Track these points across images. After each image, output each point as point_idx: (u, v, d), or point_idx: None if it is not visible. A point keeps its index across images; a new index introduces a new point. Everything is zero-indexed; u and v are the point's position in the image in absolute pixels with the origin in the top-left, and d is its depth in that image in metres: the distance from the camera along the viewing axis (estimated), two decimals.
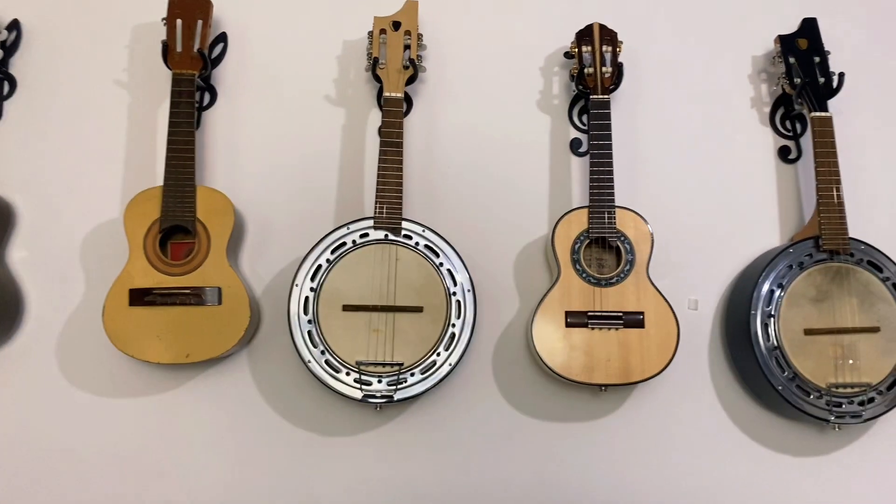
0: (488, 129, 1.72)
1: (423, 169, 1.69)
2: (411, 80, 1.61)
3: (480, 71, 1.74)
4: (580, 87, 1.62)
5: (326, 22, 1.75)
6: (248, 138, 1.71)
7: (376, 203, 1.53)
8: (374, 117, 1.72)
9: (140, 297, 1.50)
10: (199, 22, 1.61)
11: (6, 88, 1.72)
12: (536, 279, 1.66)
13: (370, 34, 1.62)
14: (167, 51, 1.59)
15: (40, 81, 1.73)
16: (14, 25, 1.73)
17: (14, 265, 1.66)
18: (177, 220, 1.53)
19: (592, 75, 1.59)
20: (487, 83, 1.73)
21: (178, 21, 1.61)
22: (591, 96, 1.58)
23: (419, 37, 1.61)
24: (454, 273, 1.53)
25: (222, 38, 1.74)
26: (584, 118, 1.71)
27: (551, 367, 1.48)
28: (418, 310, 1.50)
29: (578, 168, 1.70)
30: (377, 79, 1.60)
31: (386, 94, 1.57)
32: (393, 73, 1.59)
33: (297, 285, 1.51)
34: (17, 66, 1.74)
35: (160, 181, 1.66)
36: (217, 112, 1.72)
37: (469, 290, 1.52)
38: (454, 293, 1.52)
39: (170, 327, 1.49)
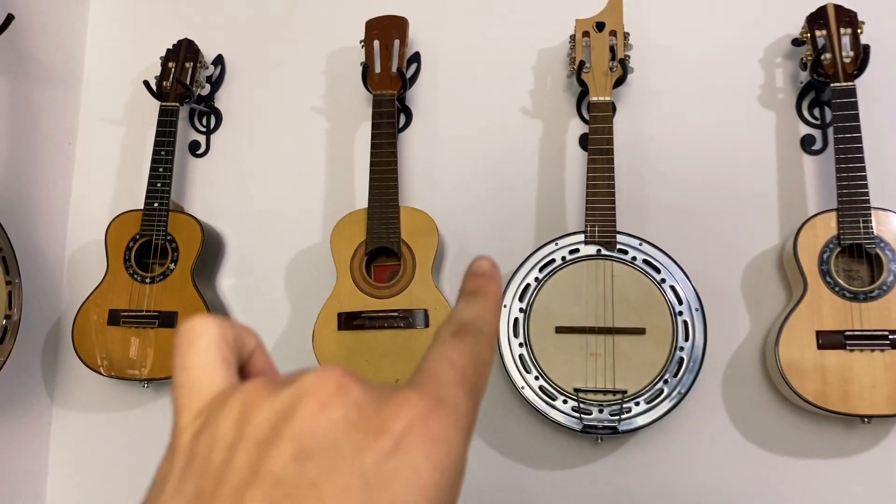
0: (703, 130, 1.56)
1: (631, 177, 1.56)
2: (619, 82, 1.49)
3: (691, 68, 1.59)
4: (814, 75, 1.44)
5: (519, 32, 1.68)
6: (444, 157, 1.66)
7: (587, 216, 1.42)
8: (575, 127, 1.62)
9: (349, 321, 1.47)
10: (396, 41, 1.58)
11: (213, 122, 1.78)
12: (770, 295, 1.47)
13: (572, 38, 1.52)
14: (367, 73, 1.57)
15: (243, 113, 1.78)
16: (218, 61, 1.79)
17: (223, 293, 1.70)
18: (383, 241, 1.49)
19: (831, 61, 1.40)
20: (699, 80, 1.58)
21: (376, 42, 1.59)
22: (831, 84, 1.39)
23: (626, 36, 1.50)
24: (678, 290, 1.38)
25: (415, 57, 1.70)
26: (817, 111, 1.51)
27: (803, 396, 1.29)
28: (640, 332, 1.37)
29: (813, 168, 1.50)
30: (581, 84, 1.50)
31: (592, 98, 1.46)
32: (599, 76, 1.48)
33: (504, 306, 1.42)
34: (221, 100, 1.79)
35: (359, 204, 1.64)
36: (413, 132, 1.69)
37: (697, 310, 1.37)
38: (680, 312, 1.37)
39: (378, 351, 1.45)
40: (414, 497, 0.23)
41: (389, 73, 1.56)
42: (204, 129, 1.78)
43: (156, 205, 1.60)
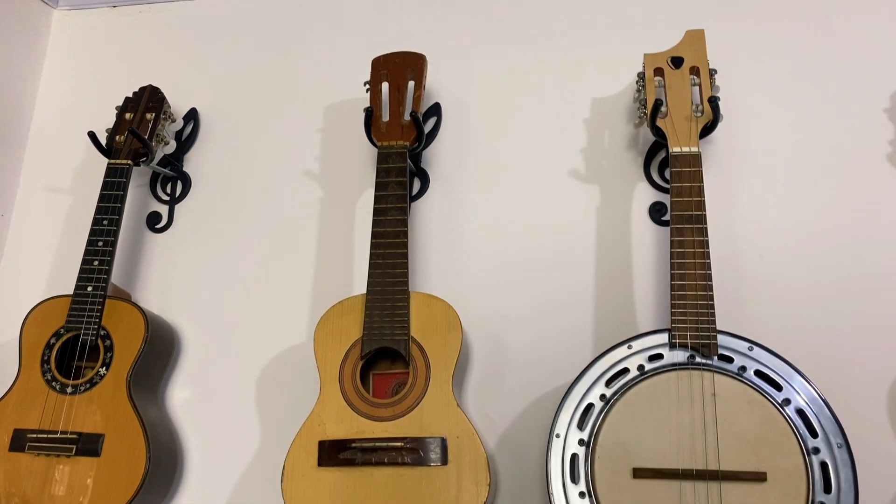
0: (829, 193, 1.17)
1: (728, 258, 1.16)
2: (706, 131, 1.11)
3: (804, 116, 1.22)
4: None
5: (566, 78, 1.33)
6: (469, 233, 1.28)
7: (674, 308, 1.00)
8: (643, 193, 1.23)
9: (333, 453, 1.04)
10: (411, 83, 1.23)
11: (178, 189, 1.42)
12: None
13: (640, 76, 1.16)
14: (371, 120, 1.21)
15: (217, 179, 1.42)
16: (191, 116, 1.45)
17: (174, 408, 1.28)
18: (385, 340, 1.08)
19: None
20: (816, 133, 1.21)
21: (385, 84, 1.24)
22: None
23: (712, 73, 1.14)
24: (810, 416, 0.95)
25: (434, 109, 1.35)
26: None
27: None
28: (759, 478, 0.93)
29: None
30: (657, 132, 1.12)
31: (674, 150, 1.08)
32: (679, 121, 1.10)
33: (557, 436, 0.99)
34: (191, 163, 1.43)
35: (359, 291, 1.25)
36: (429, 202, 1.31)
37: (840, 446, 0.93)
38: (815, 450, 0.93)
39: (374, 500, 1.01)
40: None
41: (401, 121, 1.20)
42: (167, 198, 1.42)
43: (89, 289, 1.21)
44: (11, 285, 1.43)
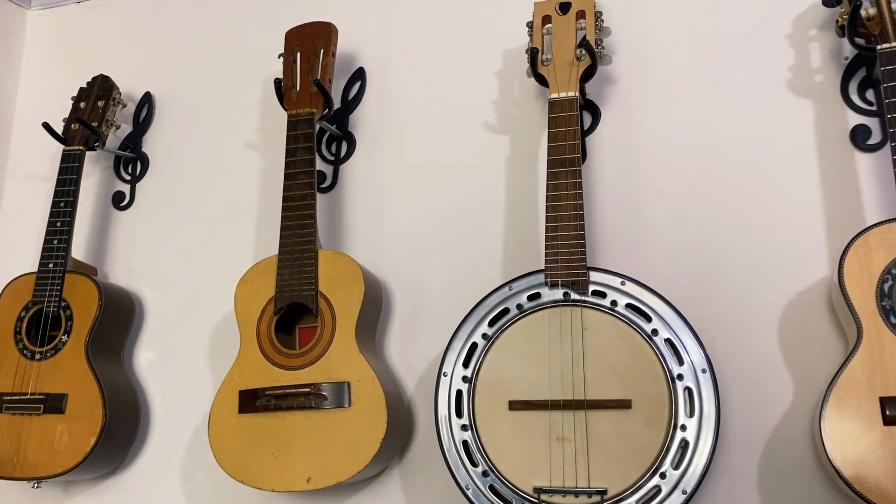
0: (715, 133, 1.18)
1: (620, 199, 1.19)
2: (589, 74, 1.14)
3: (694, 57, 1.22)
4: (855, 40, 1.04)
5: (479, 32, 1.36)
6: (393, 191, 1.34)
7: (547, 248, 1.05)
8: None
9: (251, 400, 1.14)
10: (322, 51, 1.30)
11: (138, 168, 1.53)
12: (821, 346, 1.05)
13: (529, 25, 1.19)
14: (282, 90, 1.29)
15: (171, 158, 1.52)
16: (146, 99, 1.55)
17: (140, 369, 1.41)
18: (294, 296, 1.17)
19: (875, 19, 1.01)
20: (706, 72, 1.21)
21: (298, 55, 1.31)
22: (878, 47, 0.99)
23: (598, 16, 1.15)
24: (678, 345, 0.98)
25: (359, 75, 1.41)
26: (871, 94, 1.11)
27: (854, 487, 0.86)
28: (624, 405, 0.98)
29: (869, 168, 1.09)
30: (541, 80, 1.15)
31: (552, 95, 1.11)
32: (562, 67, 1.13)
33: (445, 374, 1.06)
34: (148, 144, 1.54)
35: None
36: (356, 164, 1.38)
37: (704, 371, 0.97)
38: (679, 376, 0.97)
39: (286, 441, 1.11)
40: None
41: (310, 89, 1.27)
42: (129, 178, 1.54)
43: (50, 266, 1.35)
44: (6, 268, 1.59)
